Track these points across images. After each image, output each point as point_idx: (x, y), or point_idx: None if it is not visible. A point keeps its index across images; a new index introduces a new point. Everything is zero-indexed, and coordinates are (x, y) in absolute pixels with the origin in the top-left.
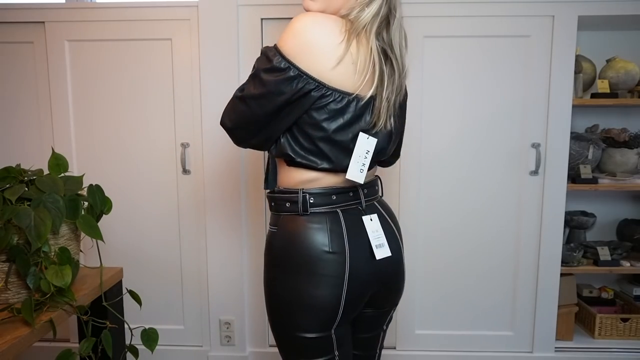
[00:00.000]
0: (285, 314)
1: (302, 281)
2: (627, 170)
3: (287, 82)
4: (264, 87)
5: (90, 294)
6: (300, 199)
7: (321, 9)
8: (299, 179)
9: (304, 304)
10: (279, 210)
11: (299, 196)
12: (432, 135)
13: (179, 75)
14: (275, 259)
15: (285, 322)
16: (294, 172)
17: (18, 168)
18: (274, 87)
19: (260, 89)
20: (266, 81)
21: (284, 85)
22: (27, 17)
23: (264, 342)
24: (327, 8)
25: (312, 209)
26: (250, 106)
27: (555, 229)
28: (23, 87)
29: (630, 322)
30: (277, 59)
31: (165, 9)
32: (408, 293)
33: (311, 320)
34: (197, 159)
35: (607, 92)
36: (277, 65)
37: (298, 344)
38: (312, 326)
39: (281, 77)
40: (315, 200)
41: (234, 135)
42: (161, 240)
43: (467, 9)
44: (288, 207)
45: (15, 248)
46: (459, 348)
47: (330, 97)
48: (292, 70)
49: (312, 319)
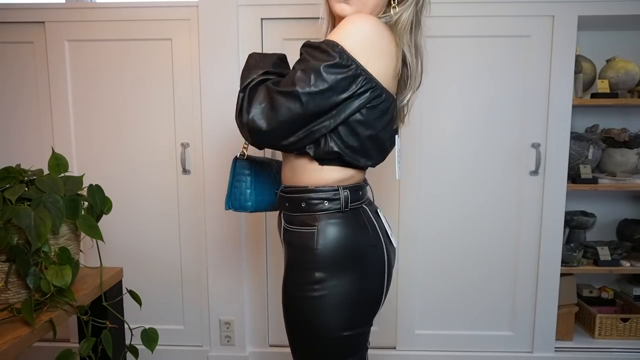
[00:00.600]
0: (334, 313)
1: (354, 277)
2: (627, 170)
3: (350, 79)
4: (326, 83)
5: (90, 294)
6: (342, 196)
7: (355, 12)
8: (336, 177)
9: (359, 300)
10: (314, 210)
11: (340, 194)
12: (432, 135)
13: (179, 75)
14: (321, 259)
15: (332, 323)
16: (331, 171)
17: (18, 168)
18: (336, 83)
19: (321, 85)
20: (328, 77)
21: (347, 82)
22: (27, 17)
23: (264, 342)
24: (361, 11)
25: (350, 205)
26: (303, 103)
27: (555, 229)
28: (23, 87)
29: (630, 322)
30: (342, 55)
31: (165, 9)
32: (408, 293)
33: (364, 314)
34: (197, 159)
35: (607, 92)
36: (341, 62)
37: (342, 343)
38: (364, 320)
39: (345, 75)
40: (351, 197)
41: (270, 136)
42: (161, 240)
43: (467, 9)
44: (326, 205)
45: (15, 248)
46: (459, 348)
47: (383, 97)
48: (356, 68)
49: (365, 314)
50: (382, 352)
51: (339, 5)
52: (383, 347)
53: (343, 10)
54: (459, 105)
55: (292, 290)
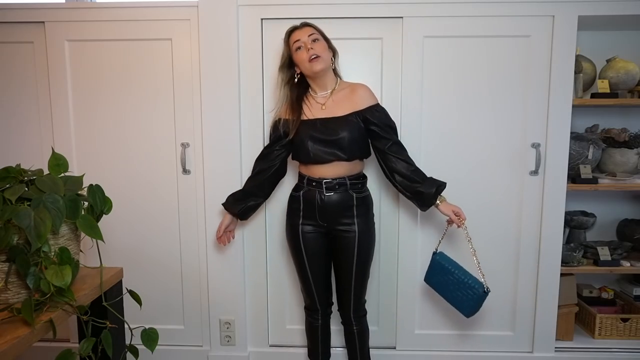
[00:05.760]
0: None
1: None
2: (627, 170)
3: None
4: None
5: (90, 294)
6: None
7: (325, 67)
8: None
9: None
10: (364, 186)
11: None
12: (431, 135)
13: (179, 75)
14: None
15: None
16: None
17: (18, 168)
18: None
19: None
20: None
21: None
22: (27, 17)
23: (264, 342)
24: (326, 66)
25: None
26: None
27: (555, 229)
28: (23, 87)
29: (630, 322)
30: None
31: (165, 9)
32: (408, 293)
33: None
34: (197, 159)
35: (607, 92)
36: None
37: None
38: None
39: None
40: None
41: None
42: (161, 240)
43: (467, 9)
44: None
45: (15, 248)
46: (459, 348)
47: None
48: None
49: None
50: (382, 352)
51: (315, 65)
52: (383, 347)
53: (319, 67)
54: (458, 105)
55: (370, 232)
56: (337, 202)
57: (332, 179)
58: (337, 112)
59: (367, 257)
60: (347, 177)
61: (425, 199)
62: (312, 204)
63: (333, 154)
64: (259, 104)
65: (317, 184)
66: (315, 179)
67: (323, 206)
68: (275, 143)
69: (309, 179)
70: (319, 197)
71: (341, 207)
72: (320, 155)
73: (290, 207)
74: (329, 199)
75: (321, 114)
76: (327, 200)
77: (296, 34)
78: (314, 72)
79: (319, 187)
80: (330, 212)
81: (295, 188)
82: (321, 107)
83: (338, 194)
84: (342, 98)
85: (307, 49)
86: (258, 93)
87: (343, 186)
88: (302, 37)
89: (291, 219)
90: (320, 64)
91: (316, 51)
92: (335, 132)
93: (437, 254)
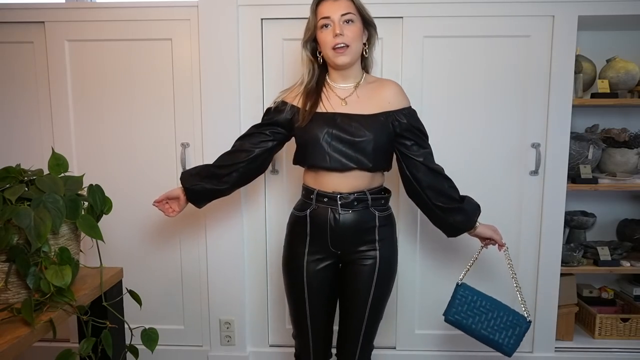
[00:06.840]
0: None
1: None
2: (627, 170)
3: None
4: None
5: (90, 294)
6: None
7: (352, 61)
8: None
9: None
10: (387, 202)
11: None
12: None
13: (179, 75)
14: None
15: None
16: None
17: (18, 168)
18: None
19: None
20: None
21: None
22: (27, 17)
23: (264, 342)
24: (353, 60)
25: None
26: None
27: (555, 229)
28: (23, 87)
29: (630, 322)
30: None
31: (165, 9)
32: (408, 293)
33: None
34: (197, 159)
35: (607, 92)
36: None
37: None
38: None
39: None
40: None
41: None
42: (161, 240)
43: (467, 9)
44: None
45: (15, 248)
46: (459, 348)
47: None
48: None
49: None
50: (382, 352)
51: (340, 57)
52: (383, 347)
53: (343, 61)
54: (458, 105)
55: (393, 262)
56: (355, 222)
57: (349, 193)
58: (362, 110)
59: (386, 291)
60: (368, 190)
61: (467, 221)
62: (323, 227)
63: (355, 159)
64: (259, 104)
65: (329, 200)
66: (328, 193)
67: (337, 228)
68: (267, 125)
69: (319, 194)
70: (332, 217)
71: (360, 229)
72: (338, 160)
73: (292, 231)
74: (344, 218)
75: (341, 110)
76: (342, 220)
77: (327, 6)
78: (336, 65)
79: (332, 204)
80: (346, 235)
81: (299, 207)
82: (342, 103)
83: (356, 212)
84: (369, 94)
85: (334, 33)
86: (258, 93)
87: (363, 202)
88: (333, 14)
89: (293, 247)
90: (347, 57)
91: (345, 39)
92: (360, 133)
93: (460, 287)
